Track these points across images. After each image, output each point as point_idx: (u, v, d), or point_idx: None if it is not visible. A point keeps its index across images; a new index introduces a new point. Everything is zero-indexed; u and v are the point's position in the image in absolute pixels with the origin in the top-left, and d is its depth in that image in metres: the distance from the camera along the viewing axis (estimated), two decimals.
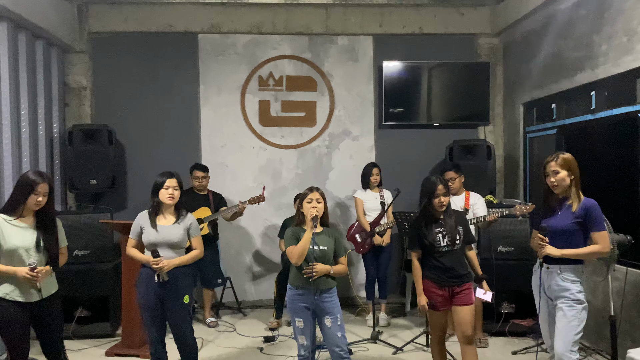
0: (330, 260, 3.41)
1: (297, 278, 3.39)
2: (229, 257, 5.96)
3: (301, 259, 3.31)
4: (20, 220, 3.14)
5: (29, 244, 3.12)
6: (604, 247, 3.03)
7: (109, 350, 4.51)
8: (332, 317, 3.35)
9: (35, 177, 3.12)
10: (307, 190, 3.46)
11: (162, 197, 3.46)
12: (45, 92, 5.27)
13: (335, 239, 3.47)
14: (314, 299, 3.33)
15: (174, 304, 3.46)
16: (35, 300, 3.14)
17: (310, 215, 3.35)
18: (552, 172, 3.11)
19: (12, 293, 3.08)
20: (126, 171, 5.94)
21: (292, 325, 3.50)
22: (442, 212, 3.51)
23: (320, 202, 3.40)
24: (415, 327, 5.15)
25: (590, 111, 4.52)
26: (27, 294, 3.11)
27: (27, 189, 3.09)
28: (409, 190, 5.10)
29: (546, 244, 3.07)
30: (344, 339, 3.38)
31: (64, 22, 5.50)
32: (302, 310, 3.37)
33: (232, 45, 6.07)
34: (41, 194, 3.11)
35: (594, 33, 4.42)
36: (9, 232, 3.08)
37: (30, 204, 3.11)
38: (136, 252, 3.52)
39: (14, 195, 3.16)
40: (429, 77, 6.08)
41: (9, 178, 4.57)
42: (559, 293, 3.09)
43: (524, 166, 5.76)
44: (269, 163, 6.14)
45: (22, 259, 3.09)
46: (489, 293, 3.56)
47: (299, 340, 3.40)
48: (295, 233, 3.42)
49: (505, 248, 4.88)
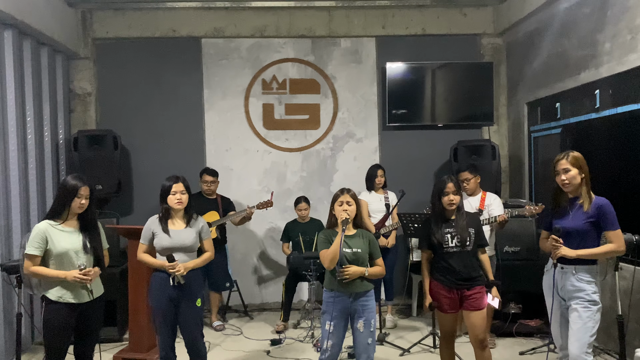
0: (365, 262, 3.33)
1: (331, 282, 3.32)
2: (235, 261, 5.97)
3: (333, 263, 3.22)
4: (65, 224, 3.22)
5: (77, 246, 3.19)
6: (619, 246, 3.00)
7: (116, 355, 4.51)
8: (366, 321, 3.28)
9: (76, 182, 3.19)
10: (339, 192, 3.39)
11: (170, 202, 3.49)
12: (51, 99, 5.31)
13: (369, 240, 3.39)
14: (349, 302, 3.28)
15: (187, 307, 3.49)
16: (86, 300, 3.22)
17: (340, 218, 3.28)
18: (563, 170, 3.06)
19: (65, 295, 3.16)
20: (132, 176, 5.97)
21: (321, 326, 3.40)
22: (453, 212, 3.47)
23: (351, 204, 3.32)
24: (422, 329, 5.14)
25: (594, 110, 4.51)
26: (79, 295, 3.19)
27: (71, 193, 3.17)
28: (413, 192, 5.10)
29: (561, 245, 3.04)
30: (373, 346, 3.32)
31: (68, 28, 5.54)
32: (337, 313, 3.28)
33: (235, 49, 6.09)
34: (84, 197, 3.19)
35: (598, 31, 4.41)
36: (57, 237, 3.17)
37: (74, 207, 3.18)
38: (149, 258, 3.54)
39: (58, 201, 3.24)
40: (433, 78, 6.08)
41: (15, 184, 4.60)
42: (574, 294, 3.04)
43: (528, 166, 5.75)
44: (274, 166, 6.16)
45: (72, 262, 3.17)
46: (497, 300, 3.48)
47: (325, 344, 3.30)
48: (328, 236, 3.35)
49: (511, 248, 4.87)
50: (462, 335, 4.65)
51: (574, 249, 3.01)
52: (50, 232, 3.17)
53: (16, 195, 4.59)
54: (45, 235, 3.15)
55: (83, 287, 3.18)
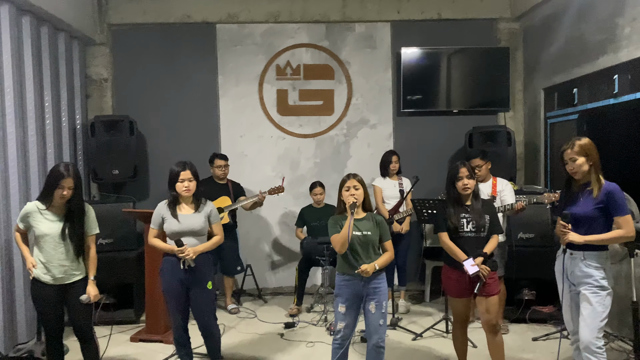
0: (375, 244, 3.37)
1: (343, 266, 3.37)
2: (249, 246, 6.03)
3: (344, 247, 3.27)
4: (50, 209, 3.30)
5: (55, 232, 3.27)
6: (628, 232, 2.98)
7: (133, 336, 4.62)
8: (377, 303, 3.31)
9: (62, 171, 3.23)
10: (345, 178, 3.43)
11: (178, 189, 3.54)
12: (68, 85, 5.37)
13: (379, 222, 3.42)
14: (361, 285, 3.30)
15: (198, 290, 3.55)
16: (65, 283, 3.34)
17: (348, 202, 3.32)
18: (570, 160, 3.08)
19: (41, 275, 3.30)
20: (147, 161, 6.03)
21: (334, 309, 3.45)
22: (468, 197, 3.47)
23: (358, 188, 3.36)
24: (435, 314, 5.16)
25: (612, 95, 4.44)
26: (56, 277, 3.31)
27: (54, 182, 3.23)
28: (427, 178, 5.09)
29: (569, 230, 3.04)
30: (385, 327, 3.36)
31: (84, 14, 5.58)
32: (349, 296, 3.34)
33: (249, 35, 6.09)
34: (66, 188, 3.23)
35: (617, 15, 4.32)
36: (39, 220, 3.29)
37: (55, 196, 3.25)
38: (159, 242, 3.61)
39: (45, 186, 3.33)
40: (448, 64, 6.02)
41: (34, 168, 4.68)
42: (582, 279, 3.06)
43: (544, 152, 5.69)
44: (287, 152, 6.18)
45: (52, 245, 3.28)
46: (475, 268, 3.31)
47: (337, 326, 3.37)
48: (337, 221, 3.39)
49: (525, 235, 4.85)
50: (474, 321, 4.66)
51: (583, 235, 3.01)
52: (34, 213, 3.30)
53: (35, 180, 4.68)
54: (27, 214, 3.32)
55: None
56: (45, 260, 3.28)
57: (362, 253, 3.32)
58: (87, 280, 3.39)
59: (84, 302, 3.33)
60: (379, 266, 3.32)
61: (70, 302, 3.35)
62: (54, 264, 3.28)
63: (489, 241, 3.47)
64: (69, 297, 3.35)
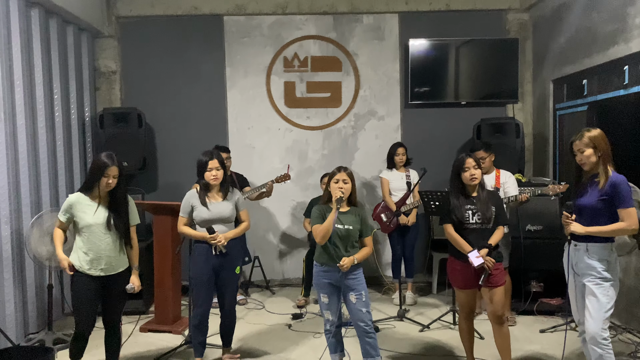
0: (355, 238, 3.45)
1: (322, 255, 3.46)
2: (257, 237, 6.05)
3: (325, 239, 3.37)
4: (94, 199, 3.33)
5: (100, 222, 3.29)
6: (630, 224, 2.96)
7: (142, 327, 4.66)
8: (357, 293, 3.40)
9: (106, 160, 3.26)
10: (335, 170, 3.49)
11: (207, 178, 3.66)
12: (77, 77, 5.40)
13: (361, 218, 3.50)
14: (339, 277, 3.39)
15: (227, 274, 3.72)
16: (108, 274, 3.33)
17: (335, 196, 3.38)
18: (578, 151, 3.09)
19: (84, 267, 3.29)
20: (156, 153, 6.06)
21: (318, 300, 3.58)
22: (474, 188, 3.46)
23: (347, 182, 3.42)
24: (442, 306, 5.17)
25: (623, 86, 4.40)
26: (100, 268, 3.32)
27: (99, 171, 3.25)
28: (435, 170, 5.07)
29: (571, 221, 3.06)
30: (369, 314, 3.43)
31: (92, 7, 5.59)
32: (327, 286, 3.45)
33: (257, 26, 6.08)
34: (111, 177, 3.27)
35: (628, 5, 4.27)
36: (84, 210, 3.30)
37: (101, 185, 3.28)
38: (190, 230, 3.73)
39: (89, 176, 3.37)
40: (457, 55, 5.99)
41: (44, 160, 4.73)
42: (586, 270, 3.06)
43: (553, 144, 5.65)
44: (295, 144, 6.18)
45: (98, 236, 3.28)
46: (480, 260, 3.29)
47: (325, 315, 3.51)
48: (322, 212, 3.46)
49: (534, 227, 4.84)
50: (481, 313, 4.66)
51: (586, 226, 3.01)
52: (78, 204, 3.30)
53: (45, 172, 4.73)
54: (71, 205, 3.30)
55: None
56: (90, 252, 3.27)
57: (341, 246, 3.41)
58: (129, 270, 3.44)
59: (129, 291, 3.38)
60: (358, 260, 3.40)
61: (111, 292, 3.37)
62: (100, 255, 3.28)
63: (494, 232, 3.45)
64: (111, 288, 3.36)
